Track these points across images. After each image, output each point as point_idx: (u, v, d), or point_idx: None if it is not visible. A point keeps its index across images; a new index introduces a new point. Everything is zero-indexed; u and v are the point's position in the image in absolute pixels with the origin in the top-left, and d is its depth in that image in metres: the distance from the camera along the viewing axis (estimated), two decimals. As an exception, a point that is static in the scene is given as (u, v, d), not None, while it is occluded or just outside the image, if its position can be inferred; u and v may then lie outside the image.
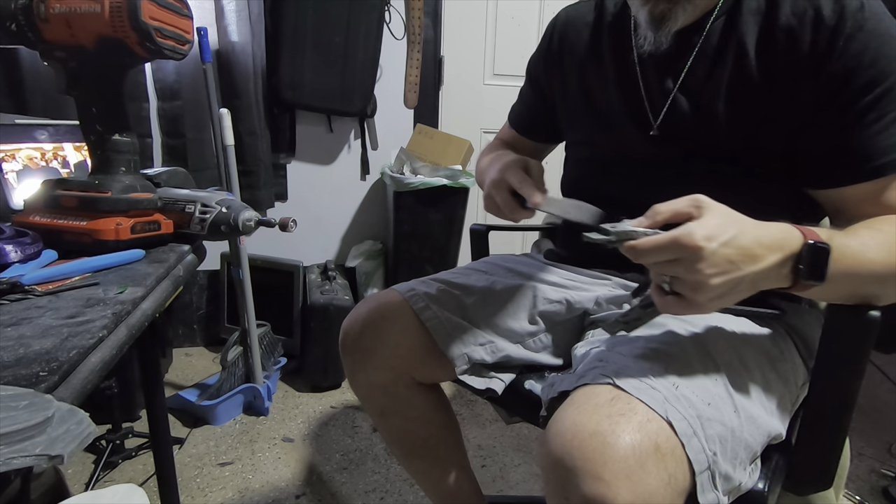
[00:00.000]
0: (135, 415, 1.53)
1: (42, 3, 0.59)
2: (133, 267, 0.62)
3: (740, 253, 0.50)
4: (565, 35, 0.89)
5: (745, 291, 0.53)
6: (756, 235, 0.51)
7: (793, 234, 0.53)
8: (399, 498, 1.31)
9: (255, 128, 1.81)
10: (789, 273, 0.54)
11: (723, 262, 0.49)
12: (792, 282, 0.54)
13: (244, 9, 1.72)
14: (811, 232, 0.54)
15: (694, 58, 0.72)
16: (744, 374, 0.62)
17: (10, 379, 0.37)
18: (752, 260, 0.51)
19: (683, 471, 0.51)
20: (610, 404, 0.52)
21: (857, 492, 1.36)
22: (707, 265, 0.49)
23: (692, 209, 0.52)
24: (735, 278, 0.50)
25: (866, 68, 0.61)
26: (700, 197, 0.52)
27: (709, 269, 0.49)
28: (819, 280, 0.53)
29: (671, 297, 0.53)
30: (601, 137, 0.84)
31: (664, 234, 0.50)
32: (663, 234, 0.50)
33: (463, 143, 1.97)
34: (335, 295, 1.75)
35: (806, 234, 0.53)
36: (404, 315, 0.80)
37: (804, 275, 0.53)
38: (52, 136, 1.00)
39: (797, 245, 0.53)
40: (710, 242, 0.49)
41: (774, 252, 0.52)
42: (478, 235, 1.09)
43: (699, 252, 0.48)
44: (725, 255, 0.49)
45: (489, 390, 0.79)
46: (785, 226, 0.54)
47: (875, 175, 0.62)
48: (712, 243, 0.49)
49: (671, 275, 0.52)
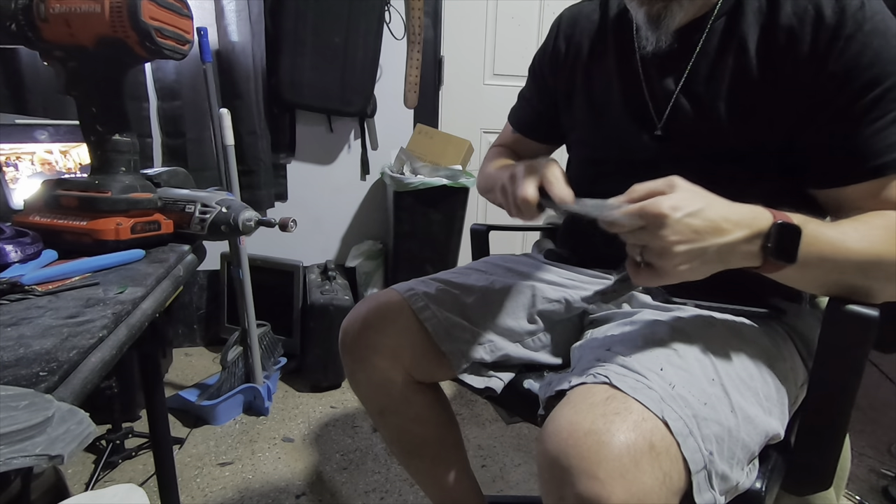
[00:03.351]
0: (135, 415, 1.54)
1: (42, 3, 0.59)
2: (133, 267, 0.62)
3: (706, 224, 0.52)
4: (570, 34, 0.89)
5: (713, 264, 0.55)
6: (723, 211, 0.54)
7: (763, 214, 0.55)
8: (399, 498, 1.32)
9: (255, 128, 1.82)
10: (758, 251, 0.55)
11: (686, 230, 0.51)
12: (761, 260, 0.56)
13: (244, 9, 1.72)
14: (782, 214, 0.56)
15: (696, 58, 0.72)
16: (742, 374, 0.62)
17: (10, 379, 0.37)
18: (716, 232, 0.53)
19: (679, 470, 0.51)
20: (605, 403, 0.53)
21: (857, 492, 1.36)
22: (671, 231, 0.51)
23: (665, 187, 0.54)
24: (699, 248, 0.52)
25: (866, 68, 0.61)
26: (675, 177, 0.55)
27: (673, 235, 0.51)
28: (789, 261, 0.55)
29: (643, 267, 0.55)
30: (604, 138, 0.84)
31: (634, 205, 0.53)
32: (633, 205, 0.53)
33: (463, 143, 1.97)
34: (335, 295, 1.75)
35: (776, 215, 0.55)
36: (404, 315, 0.80)
37: (772, 252, 0.54)
38: (52, 136, 1.00)
39: (766, 224, 0.55)
40: (675, 211, 0.51)
41: (741, 228, 0.54)
42: (478, 235, 1.09)
43: (664, 219, 0.51)
44: (689, 224, 0.52)
45: (488, 389, 0.79)
46: (756, 207, 0.56)
47: (875, 174, 0.63)
48: (677, 212, 0.51)
49: (640, 243, 0.54)
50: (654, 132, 0.76)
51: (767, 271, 0.57)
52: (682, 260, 0.53)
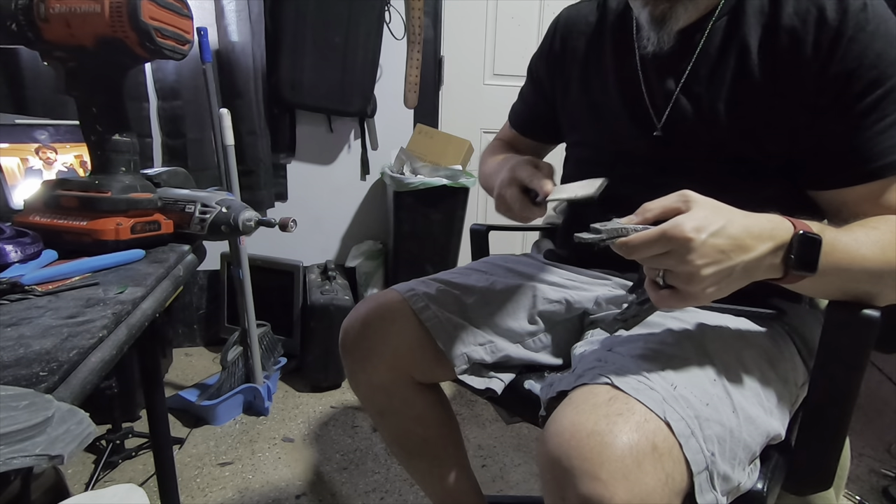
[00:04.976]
0: (135, 415, 1.53)
1: (42, 3, 0.59)
2: (133, 267, 0.62)
3: (730, 243, 0.51)
4: (567, 35, 0.89)
5: (738, 282, 0.53)
6: (745, 225, 0.52)
7: (783, 224, 0.54)
8: (399, 498, 1.31)
9: (255, 128, 1.81)
10: (780, 263, 0.54)
11: (713, 251, 0.50)
12: (783, 272, 0.55)
13: (244, 9, 1.72)
14: (802, 223, 0.54)
15: (696, 58, 0.72)
16: (743, 375, 0.62)
17: (10, 379, 0.37)
18: (742, 249, 0.51)
19: (681, 471, 0.51)
20: (608, 404, 0.52)
21: (857, 492, 1.36)
22: (697, 255, 0.49)
23: (680, 204, 0.52)
24: (727, 268, 0.51)
25: (868, 69, 0.61)
26: (687, 192, 0.53)
27: (699, 259, 0.49)
28: (810, 271, 0.53)
29: (666, 290, 0.54)
30: (602, 138, 0.84)
31: (654, 229, 0.51)
32: (653, 229, 0.51)
33: (463, 143, 1.97)
34: (335, 295, 1.75)
35: (796, 224, 0.54)
36: (404, 315, 0.80)
37: (794, 265, 0.53)
38: (52, 136, 1.00)
39: (787, 235, 0.53)
40: (699, 233, 0.49)
41: (765, 241, 0.52)
42: (478, 235, 1.09)
43: (689, 243, 0.49)
44: (715, 245, 0.50)
45: (489, 390, 0.79)
46: (775, 216, 0.54)
47: (875, 176, 0.62)
48: (701, 234, 0.49)
49: (664, 268, 0.53)
50: (654, 133, 0.76)
51: (787, 282, 0.56)
52: (711, 283, 0.51)
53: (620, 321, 0.63)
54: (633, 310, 0.62)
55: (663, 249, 0.50)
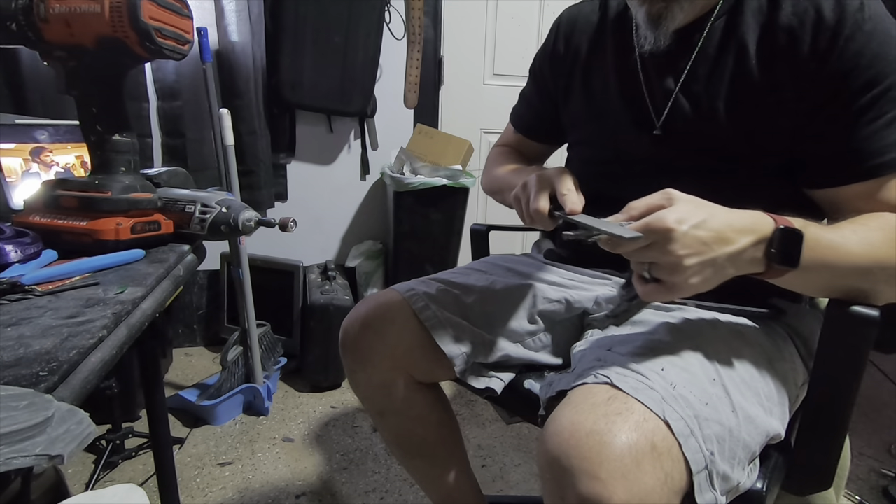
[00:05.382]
0: (135, 415, 1.53)
1: (42, 3, 0.59)
2: (133, 267, 0.62)
3: (712, 235, 0.52)
4: (570, 35, 0.89)
5: (721, 274, 0.54)
6: (727, 219, 0.53)
7: (764, 219, 0.55)
8: (399, 498, 1.32)
9: (255, 128, 1.81)
10: (762, 257, 0.55)
11: (695, 242, 0.51)
12: (765, 266, 0.56)
13: (244, 9, 1.72)
14: (783, 219, 0.55)
15: (695, 58, 0.72)
16: (742, 374, 0.62)
17: (10, 379, 0.37)
18: (723, 242, 0.52)
19: (680, 470, 0.51)
20: (607, 404, 0.53)
21: (857, 492, 1.36)
22: (679, 246, 0.51)
23: (663, 200, 0.54)
24: (709, 259, 0.52)
25: (865, 69, 0.61)
26: (671, 190, 0.54)
27: (681, 249, 0.51)
28: (792, 265, 0.54)
29: (652, 284, 0.55)
30: (603, 137, 0.84)
31: (638, 222, 0.52)
32: (637, 222, 0.52)
33: (463, 143, 1.97)
34: (335, 295, 1.75)
35: (777, 220, 0.55)
36: (404, 315, 0.80)
37: (776, 258, 0.54)
38: (52, 136, 1.00)
39: (769, 229, 0.54)
40: (680, 225, 0.51)
41: (746, 235, 0.53)
42: (478, 235, 1.09)
43: (670, 233, 0.50)
44: (697, 237, 0.51)
45: (488, 390, 0.79)
46: (756, 212, 0.56)
47: (872, 175, 0.63)
48: (683, 225, 0.51)
49: (648, 261, 0.54)
50: (653, 132, 0.76)
51: (770, 277, 0.57)
52: (693, 273, 0.52)
53: (611, 318, 0.64)
54: (623, 306, 0.63)
55: (647, 242, 0.52)
